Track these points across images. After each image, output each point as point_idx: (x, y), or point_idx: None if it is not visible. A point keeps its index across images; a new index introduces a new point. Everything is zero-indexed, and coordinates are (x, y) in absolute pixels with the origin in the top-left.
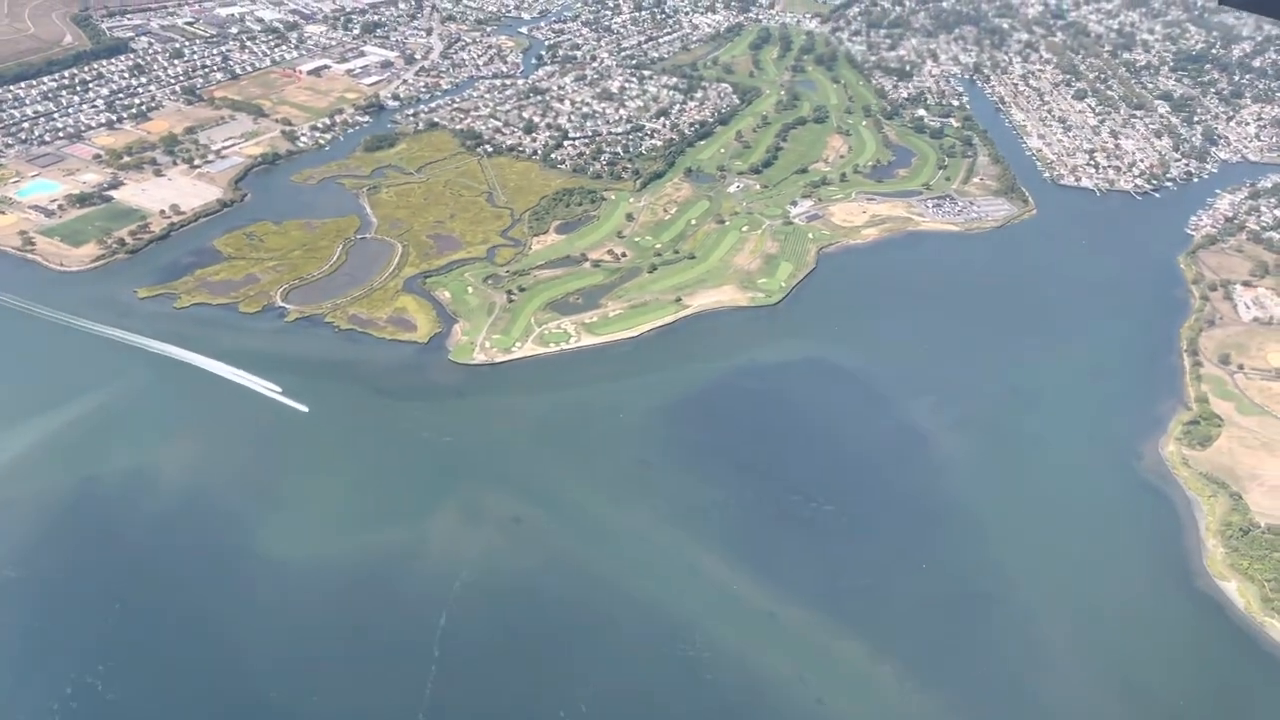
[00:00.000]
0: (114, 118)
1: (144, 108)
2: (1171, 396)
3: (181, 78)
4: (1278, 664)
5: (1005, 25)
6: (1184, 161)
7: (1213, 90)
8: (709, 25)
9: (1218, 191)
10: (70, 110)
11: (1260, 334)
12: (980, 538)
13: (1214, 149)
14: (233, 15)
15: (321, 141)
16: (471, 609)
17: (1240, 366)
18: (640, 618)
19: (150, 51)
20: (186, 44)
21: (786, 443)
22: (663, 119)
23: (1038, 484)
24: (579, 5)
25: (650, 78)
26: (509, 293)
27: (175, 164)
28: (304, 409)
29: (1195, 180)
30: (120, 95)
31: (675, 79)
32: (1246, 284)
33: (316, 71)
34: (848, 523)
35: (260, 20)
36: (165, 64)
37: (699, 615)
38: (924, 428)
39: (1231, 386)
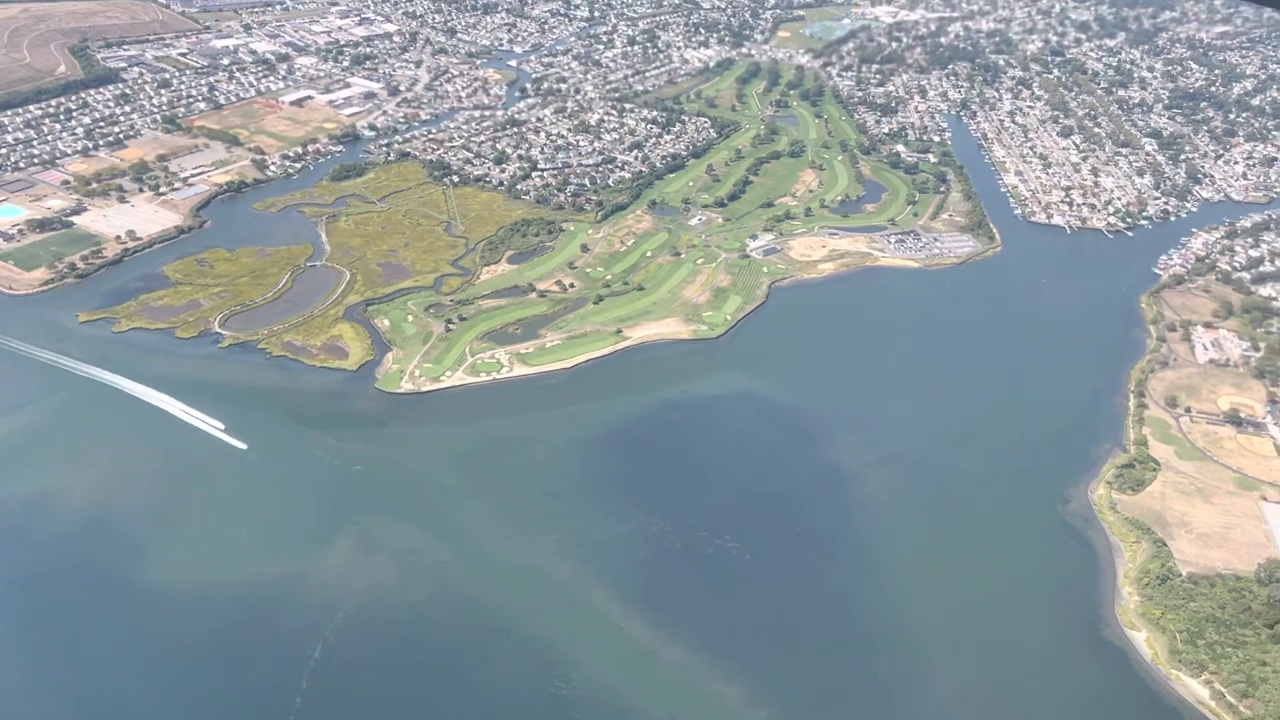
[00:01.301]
0: (90, 145)
1: (122, 136)
2: (1110, 439)
3: (165, 107)
4: (1178, 719)
5: (1001, 62)
6: (1163, 200)
7: (1205, 128)
8: (699, 60)
9: (1194, 231)
10: (50, 138)
11: (1215, 376)
12: (885, 579)
13: (1196, 188)
14: (227, 47)
15: (291, 170)
16: (349, 642)
17: (1188, 410)
18: (520, 653)
19: (139, 81)
20: (176, 74)
21: (704, 478)
22: (636, 152)
23: (954, 525)
24: (572, 39)
25: (631, 111)
26: (448, 322)
27: (141, 191)
28: (219, 434)
29: (1172, 219)
30: (101, 124)
31: (656, 112)
32: (1208, 325)
33: (299, 102)
34: (751, 560)
35: (253, 52)
36: (152, 93)
37: (580, 652)
38: (848, 465)
39: (1175, 430)
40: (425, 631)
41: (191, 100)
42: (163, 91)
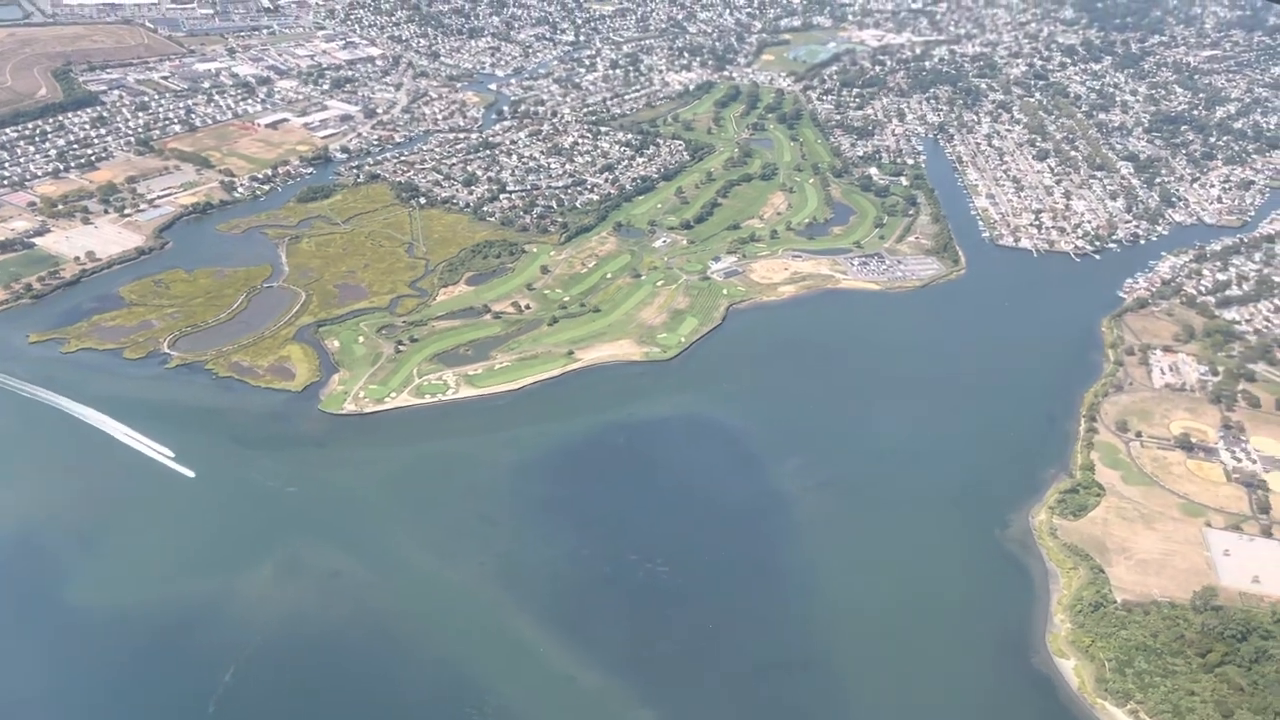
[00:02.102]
0: (62, 167)
1: (94, 158)
2: (1057, 463)
3: (140, 130)
4: None
5: (983, 85)
6: (1134, 223)
7: (1184, 152)
8: (680, 83)
9: (1163, 254)
10: (22, 160)
11: (1169, 401)
12: (815, 605)
13: (1169, 211)
14: (209, 70)
15: (259, 192)
16: (262, 665)
17: (1139, 434)
18: (436, 678)
19: (117, 104)
20: (155, 97)
21: (641, 501)
22: (607, 174)
23: (889, 550)
24: (555, 63)
25: (606, 133)
26: (399, 343)
27: (107, 212)
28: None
29: (1142, 242)
30: (75, 146)
31: (631, 135)
32: (1167, 349)
33: (274, 124)
34: (680, 585)
35: (234, 75)
36: (129, 116)
37: (497, 677)
38: (788, 489)
39: (1124, 455)
40: (340, 656)
41: (167, 123)
42: (140, 114)
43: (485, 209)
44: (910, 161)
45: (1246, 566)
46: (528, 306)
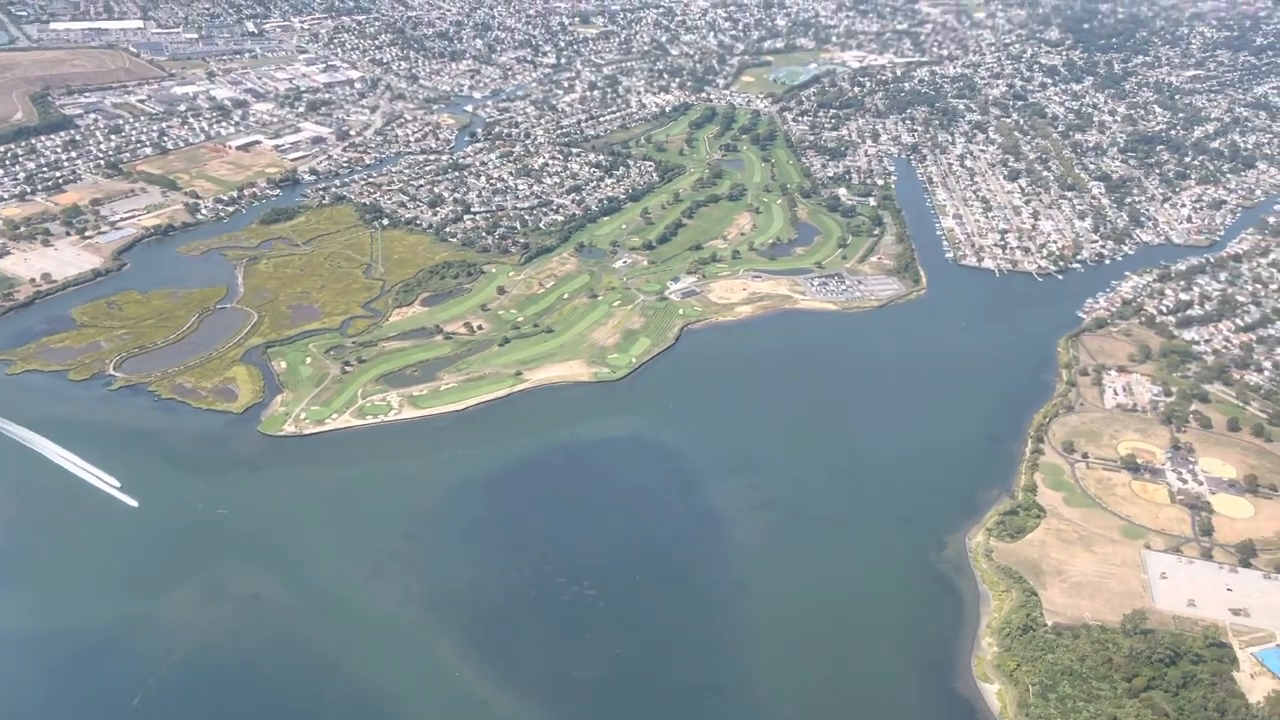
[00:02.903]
0: (29, 189)
1: (61, 180)
2: (1000, 484)
3: (111, 152)
4: None
5: (961, 106)
6: (1100, 243)
7: (1157, 171)
8: (657, 105)
9: (1127, 274)
10: None
11: (1119, 421)
12: (741, 628)
13: (1137, 231)
14: (186, 94)
15: (223, 214)
16: (173, 689)
17: (1085, 455)
18: (347, 703)
19: (90, 128)
20: (130, 120)
21: (576, 523)
22: (573, 195)
23: (822, 572)
24: (534, 85)
25: (577, 155)
26: (345, 364)
27: (68, 234)
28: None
29: (1107, 262)
30: (44, 169)
31: (602, 156)
32: (1122, 369)
33: (246, 147)
34: (606, 607)
35: (211, 98)
36: (101, 139)
37: (411, 701)
38: (727, 509)
39: (1068, 476)
40: (252, 680)
41: (139, 146)
42: (113, 137)
43: (448, 230)
44: (880, 182)
45: (1183, 589)
46: (480, 327)
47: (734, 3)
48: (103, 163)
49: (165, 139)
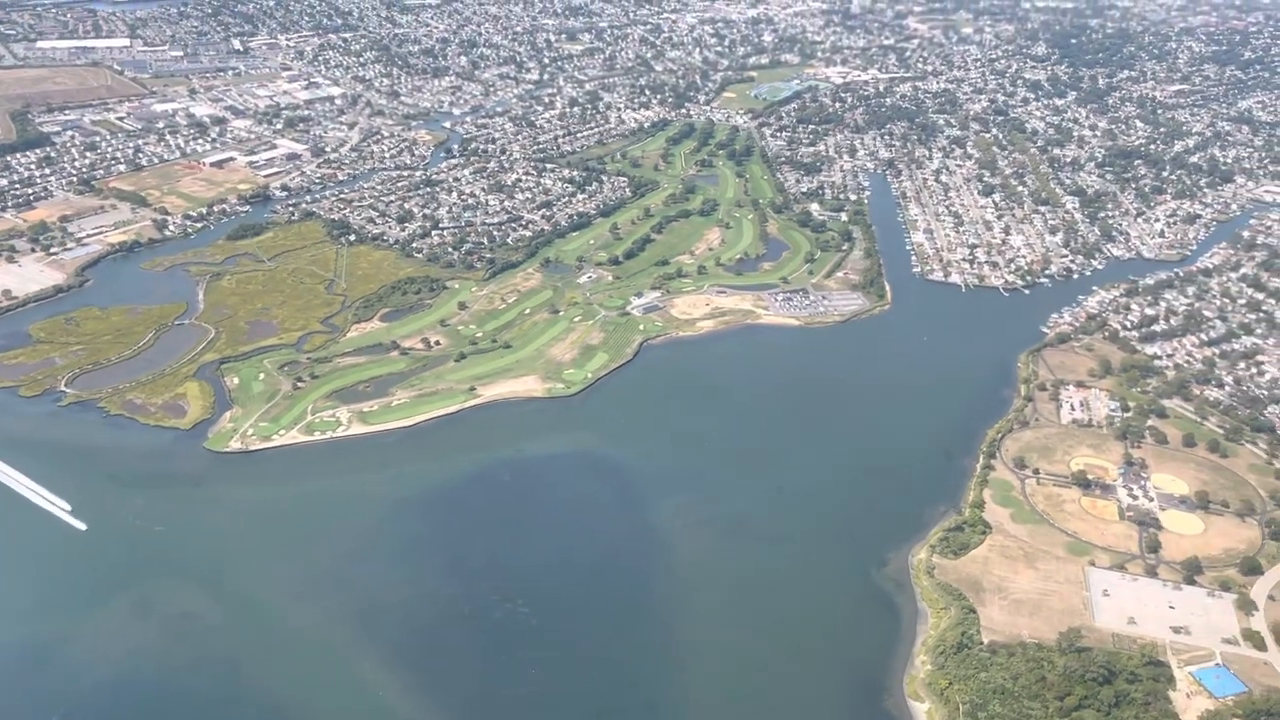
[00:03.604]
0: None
1: (32, 197)
2: (948, 501)
3: (85, 169)
4: None
5: (941, 121)
6: (1069, 257)
7: (1133, 186)
8: (636, 120)
9: (1094, 288)
10: None
11: (1074, 437)
12: (674, 645)
13: (1108, 245)
14: (166, 111)
15: (191, 230)
16: (92, 708)
17: (1036, 471)
18: None
19: (67, 145)
20: (107, 138)
21: (515, 539)
22: (544, 211)
23: (760, 589)
24: (514, 101)
25: (551, 170)
26: (298, 380)
27: (34, 251)
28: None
29: (1075, 277)
30: (17, 185)
31: (576, 172)
32: (1080, 384)
33: (220, 163)
34: (537, 625)
35: (191, 115)
36: (77, 156)
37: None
38: (668, 526)
39: (1017, 492)
40: (173, 699)
41: (113, 162)
42: (88, 154)
43: (414, 245)
44: (853, 197)
45: (1124, 607)
46: (437, 343)
47: (722, 20)
48: (76, 179)
49: (140, 156)
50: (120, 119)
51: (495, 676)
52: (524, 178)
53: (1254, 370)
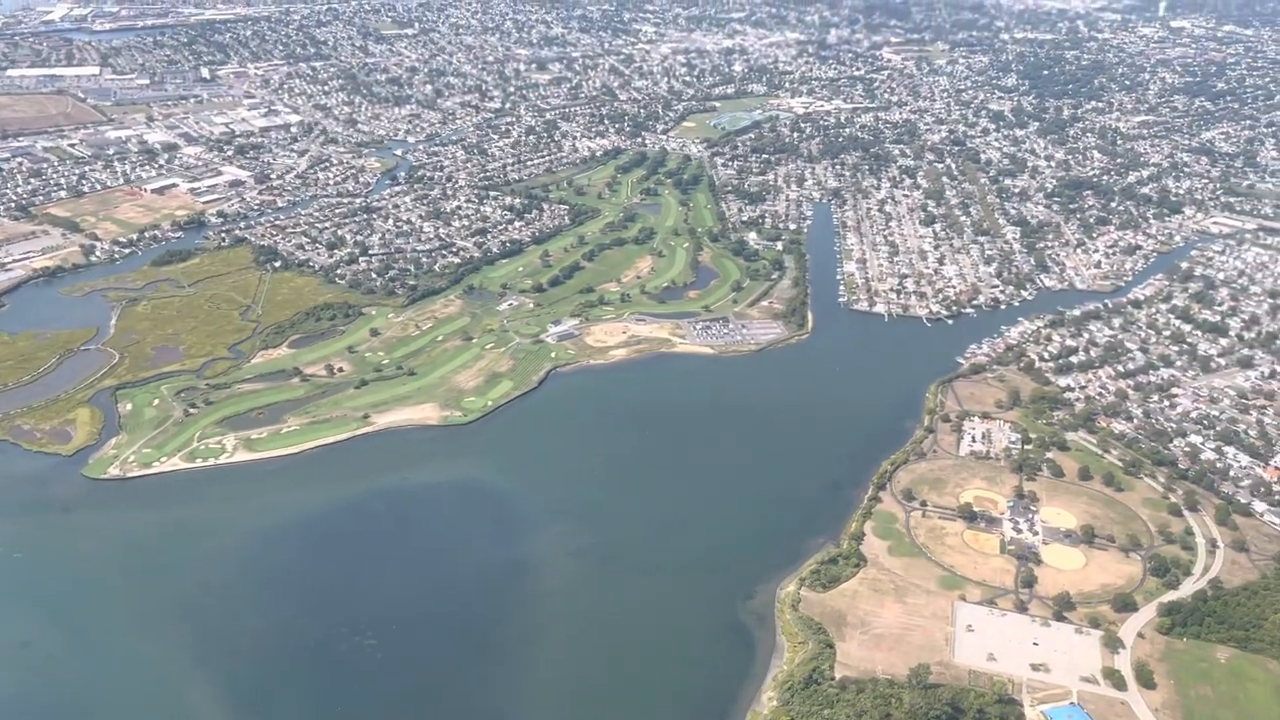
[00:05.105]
0: None
1: None
2: (828, 533)
3: (25, 195)
4: None
5: (896, 151)
6: (1000, 288)
7: (1077, 217)
8: (590, 149)
9: (1020, 319)
10: None
11: (969, 469)
12: (524, 678)
13: (1042, 276)
14: (120, 138)
15: (118, 256)
16: None
17: (924, 503)
18: None
19: (13, 171)
20: (54, 164)
21: (376, 570)
22: (477, 238)
23: (623, 621)
24: (471, 129)
25: (494, 198)
26: (190, 406)
27: None
28: None
29: (1003, 307)
30: None
31: (518, 199)
32: (985, 416)
33: (161, 190)
34: (382, 659)
35: (143, 142)
36: (20, 182)
37: None
38: (540, 557)
39: (900, 525)
40: None
41: (55, 189)
42: (32, 180)
43: (338, 272)
44: (793, 226)
45: (987, 643)
46: (341, 369)
47: (696, 50)
48: (14, 205)
49: (84, 182)
50: (72, 146)
51: (330, 711)
52: (464, 205)
53: (1166, 403)
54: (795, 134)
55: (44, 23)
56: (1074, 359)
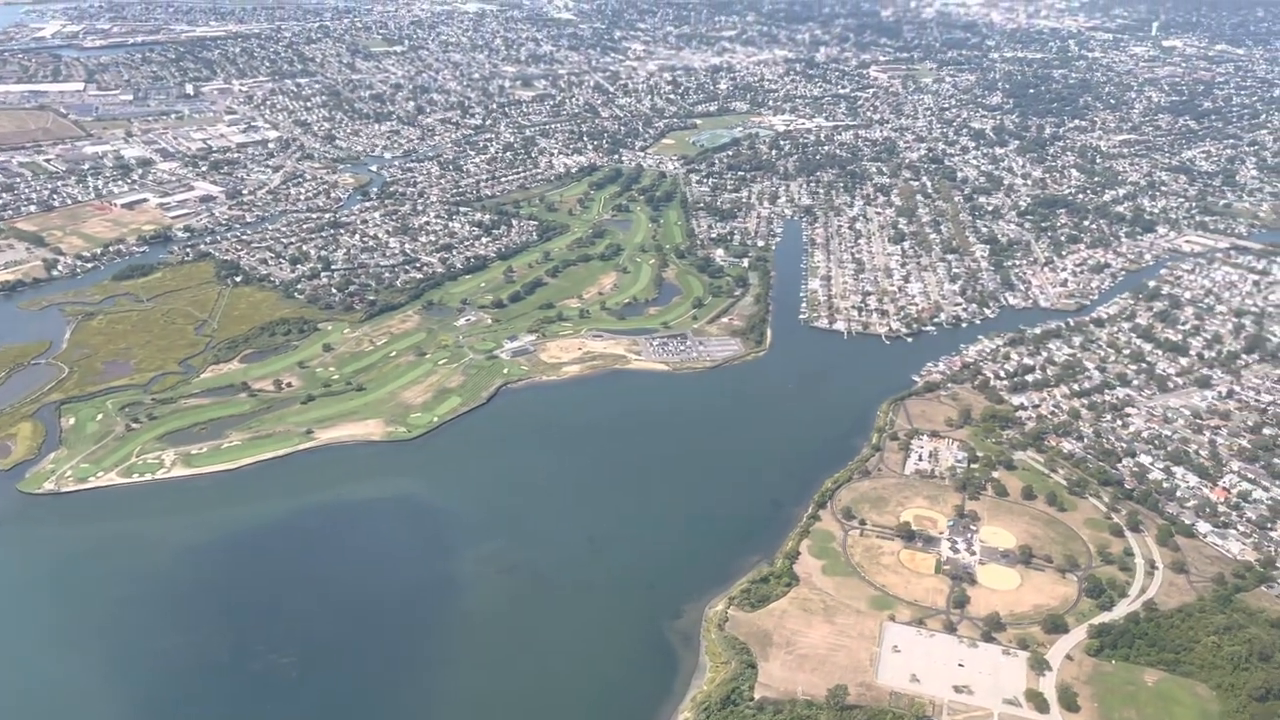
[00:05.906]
0: None
1: None
2: (763, 551)
3: None
4: None
5: (872, 169)
6: (963, 306)
7: (1049, 235)
8: (566, 166)
9: (980, 337)
10: None
11: (912, 488)
12: (437, 699)
13: (1006, 294)
14: (96, 153)
15: (80, 270)
16: None
17: (863, 522)
18: None
19: None
20: (28, 179)
21: (302, 588)
22: (442, 254)
23: (546, 640)
24: (449, 145)
25: (464, 214)
26: (132, 421)
27: None
28: None
29: (964, 325)
30: None
31: (488, 215)
32: (934, 434)
33: (131, 204)
34: (297, 678)
35: (119, 157)
36: None
37: None
38: (469, 575)
39: (836, 544)
40: None
41: (25, 203)
42: (3, 195)
43: (297, 286)
44: (761, 243)
45: (912, 664)
46: (289, 385)
47: (683, 68)
48: None
49: (55, 197)
50: (48, 160)
51: None
52: (433, 221)
53: (1119, 423)
54: (773, 151)
55: (35, 40)
56: (1029, 377)
